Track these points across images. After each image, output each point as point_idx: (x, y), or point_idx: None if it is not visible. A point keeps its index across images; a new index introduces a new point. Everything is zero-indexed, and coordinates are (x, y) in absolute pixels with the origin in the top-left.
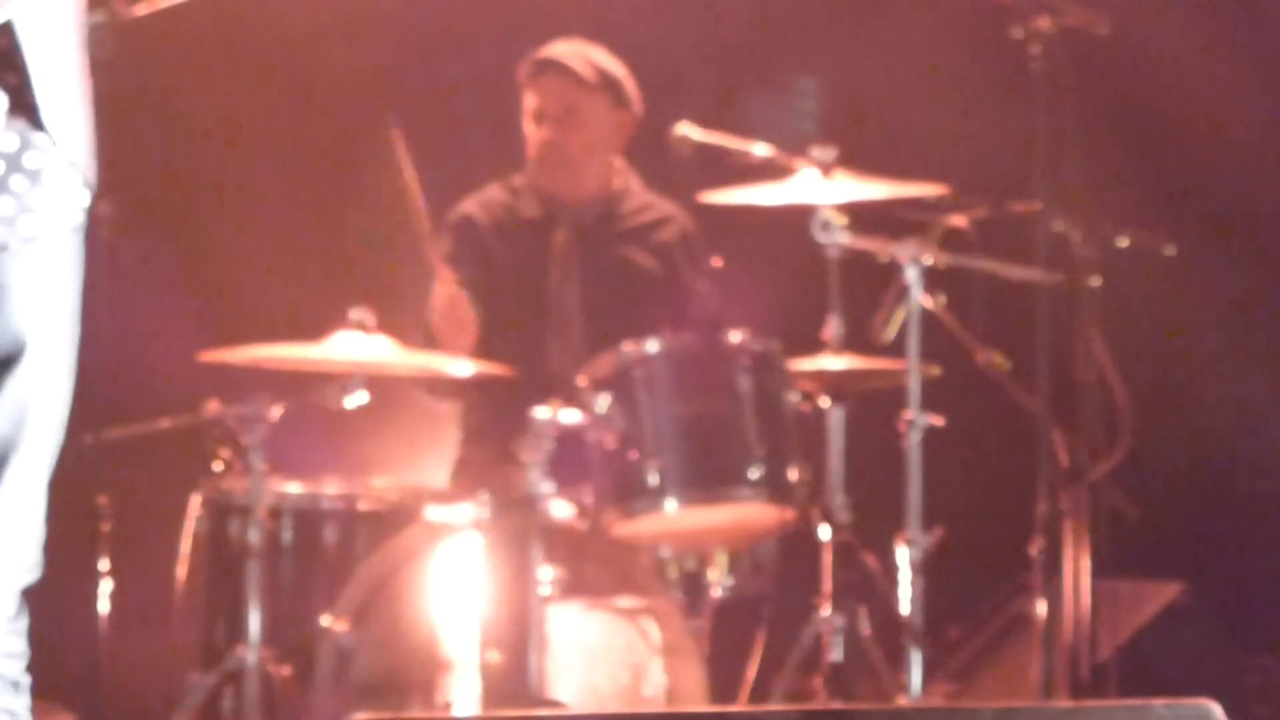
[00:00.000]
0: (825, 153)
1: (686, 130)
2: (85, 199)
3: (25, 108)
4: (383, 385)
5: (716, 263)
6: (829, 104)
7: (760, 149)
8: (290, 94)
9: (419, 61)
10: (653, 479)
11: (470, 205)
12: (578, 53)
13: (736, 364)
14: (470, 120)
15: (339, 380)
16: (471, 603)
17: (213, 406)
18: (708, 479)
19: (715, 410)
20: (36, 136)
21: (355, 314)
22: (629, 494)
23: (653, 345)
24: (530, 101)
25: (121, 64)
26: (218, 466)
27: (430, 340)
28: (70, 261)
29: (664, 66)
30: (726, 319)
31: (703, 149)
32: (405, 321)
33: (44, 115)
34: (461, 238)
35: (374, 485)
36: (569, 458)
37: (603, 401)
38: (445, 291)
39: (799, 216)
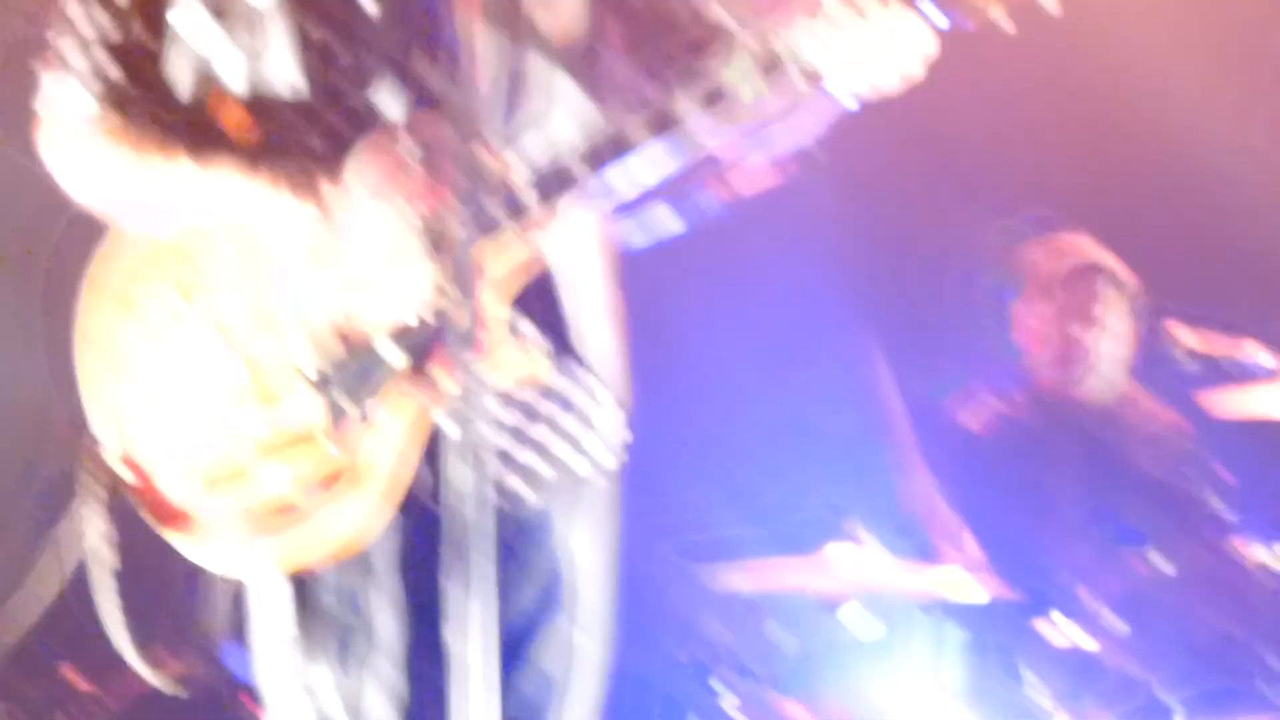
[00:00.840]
0: None
1: (1180, 332)
2: (627, 436)
3: (568, 346)
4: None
5: (1222, 472)
6: None
7: (1258, 352)
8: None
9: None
10: (1169, 697)
11: (967, 415)
12: (1101, 256)
13: (1257, 581)
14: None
15: (837, 598)
16: None
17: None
18: (1225, 700)
19: (1234, 631)
20: (582, 374)
21: (848, 525)
22: (1145, 717)
23: (1162, 560)
24: (1058, 306)
25: None
26: (719, 687)
27: None
28: (609, 502)
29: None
30: (1241, 530)
31: (1199, 354)
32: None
33: (586, 351)
34: (958, 444)
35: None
36: (1081, 678)
37: (1114, 619)
38: (940, 512)
39: None
